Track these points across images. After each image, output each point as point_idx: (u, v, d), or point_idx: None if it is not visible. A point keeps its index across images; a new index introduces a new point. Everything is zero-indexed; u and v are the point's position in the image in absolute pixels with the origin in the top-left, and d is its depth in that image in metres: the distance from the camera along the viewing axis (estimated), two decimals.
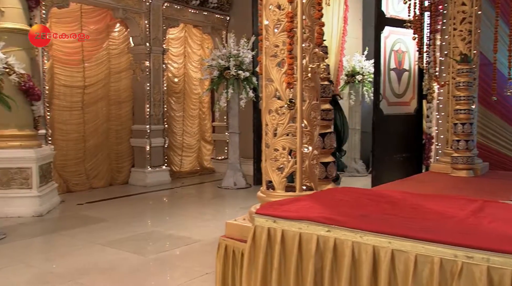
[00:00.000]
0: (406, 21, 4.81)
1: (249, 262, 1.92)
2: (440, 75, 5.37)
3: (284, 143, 2.73)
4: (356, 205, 2.01)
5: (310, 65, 2.73)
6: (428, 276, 1.51)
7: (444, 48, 5.16)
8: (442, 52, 5.26)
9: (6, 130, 5.82)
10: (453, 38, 4.68)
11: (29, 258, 4.21)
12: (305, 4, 2.66)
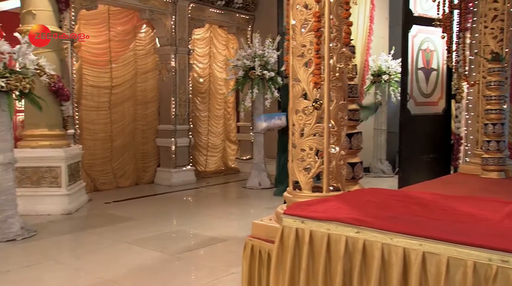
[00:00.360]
0: (435, 20, 4.72)
1: (276, 262, 1.91)
2: (470, 75, 5.25)
3: (311, 143, 2.71)
4: (384, 206, 1.98)
5: (337, 65, 2.70)
6: (461, 280, 1.47)
7: (474, 46, 5.03)
8: (472, 51, 5.13)
9: (37, 130, 5.95)
10: (484, 36, 4.57)
11: (58, 255, 4.30)
12: (333, 4, 2.63)
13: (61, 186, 5.90)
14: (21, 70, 4.66)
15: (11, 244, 4.59)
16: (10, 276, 3.73)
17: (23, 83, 4.62)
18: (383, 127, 8.84)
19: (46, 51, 5.69)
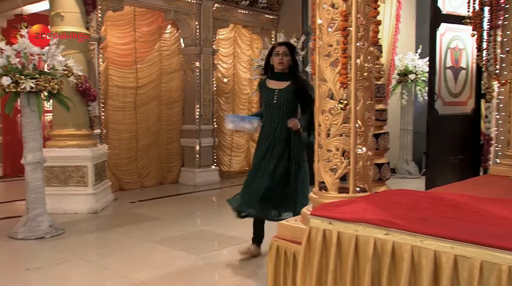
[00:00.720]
0: (466, 18, 4.61)
1: (303, 263, 1.89)
2: (501, 73, 5.11)
3: (338, 144, 2.67)
4: (413, 207, 1.93)
5: (365, 64, 2.66)
6: (495, 285, 1.42)
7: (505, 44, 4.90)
8: (503, 49, 5.00)
9: (64, 130, 6.05)
10: None
11: (85, 253, 4.36)
12: (360, 2, 2.59)
13: (87, 185, 5.99)
14: (49, 71, 4.74)
15: (40, 241, 4.67)
16: (40, 273, 3.80)
17: (51, 84, 4.70)
18: (409, 128, 8.71)
19: (73, 52, 5.78)
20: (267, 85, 4.05)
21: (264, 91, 4.06)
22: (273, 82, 4.02)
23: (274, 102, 3.94)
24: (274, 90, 3.96)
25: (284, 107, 3.92)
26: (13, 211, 5.99)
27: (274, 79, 4.04)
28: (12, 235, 4.78)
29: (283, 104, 3.92)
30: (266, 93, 4.02)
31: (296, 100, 3.95)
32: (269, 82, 4.05)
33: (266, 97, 4.01)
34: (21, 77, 4.53)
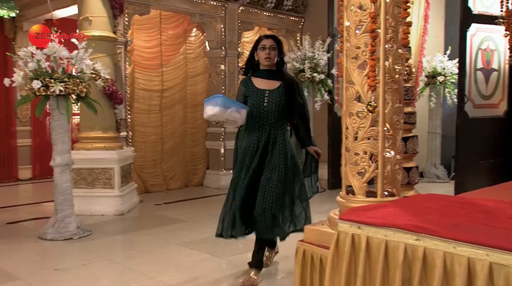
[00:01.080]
0: (498, 17, 4.49)
1: (332, 268, 1.85)
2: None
3: (365, 147, 2.63)
4: (446, 213, 1.88)
5: (394, 66, 2.61)
6: None
7: None
8: None
9: (92, 132, 6.14)
10: None
11: (112, 254, 4.40)
12: (389, 4, 2.54)
13: (114, 187, 6.05)
14: (78, 75, 4.81)
15: (68, 242, 4.74)
16: (68, 273, 3.85)
17: (80, 87, 4.76)
18: (438, 131, 8.53)
19: (101, 56, 5.86)
20: (254, 84, 3.51)
21: (251, 91, 3.50)
22: (261, 81, 3.50)
23: (264, 105, 3.44)
24: (264, 91, 3.46)
25: (276, 111, 3.43)
26: (42, 212, 6.10)
27: (261, 77, 3.52)
28: (41, 236, 4.87)
29: (276, 108, 3.44)
30: (254, 94, 3.47)
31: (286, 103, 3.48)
32: (256, 81, 3.52)
33: (254, 99, 3.46)
34: (50, 80, 4.60)
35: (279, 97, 3.44)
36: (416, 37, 8.01)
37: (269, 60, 3.45)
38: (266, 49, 3.46)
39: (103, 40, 6.04)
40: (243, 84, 3.60)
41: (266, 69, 3.51)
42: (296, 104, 3.53)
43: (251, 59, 3.57)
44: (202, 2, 7.57)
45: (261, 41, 3.52)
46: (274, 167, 3.41)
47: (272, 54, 3.46)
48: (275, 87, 3.47)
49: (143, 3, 6.84)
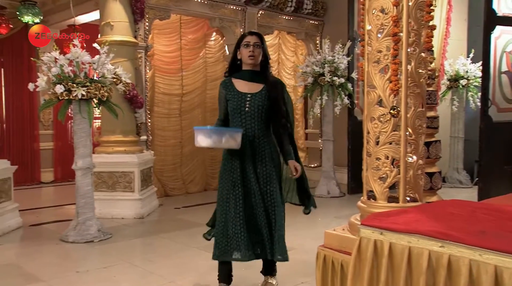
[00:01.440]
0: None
1: (353, 274, 1.83)
2: None
3: (387, 152, 2.60)
4: (471, 219, 1.84)
5: (416, 70, 2.57)
6: None
7: None
8: None
9: (112, 136, 6.21)
10: None
11: (132, 257, 4.42)
12: (412, 7, 2.51)
13: (134, 190, 6.10)
14: (99, 79, 4.87)
15: (89, 245, 4.79)
16: (89, 276, 3.89)
17: (101, 91, 4.82)
18: (460, 135, 8.39)
19: (122, 61, 5.92)
20: (235, 87, 3.18)
21: (231, 94, 3.17)
22: (242, 83, 3.18)
23: (246, 110, 3.11)
24: (245, 95, 3.13)
25: (259, 117, 3.11)
26: (64, 215, 6.18)
27: (243, 79, 3.19)
28: (63, 238, 4.93)
29: (258, 112, 3.11)
30: (235, 98, 3.14)
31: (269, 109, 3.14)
32: (237, 83, 3.19)
33: (235, 103, 3.13)
34: (73, 85, 4.67)
35: (262, 102, 3.11)
36: (437, 40, 7.91)
37: (253, 59, 3.12)
38: (250, 47, 3.10)
39: (124, 45, 6.11)
40: (223, 86, 3.24)
41: (249, 70, 3.18)
42: (279, 112, 3.16)
43: (235, 59, 3.25)
44: (222, 6, 7.60)
45: (244, 37, 3.17)
46: (266, 180, 3.11)
47: (256, 52, 3.12)
48: (258, 90, 3.14)
49: (163, 8, 6.90)
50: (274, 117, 3.17)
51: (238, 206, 3.08)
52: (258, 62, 3.17)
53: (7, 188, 5.34)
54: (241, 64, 3.21)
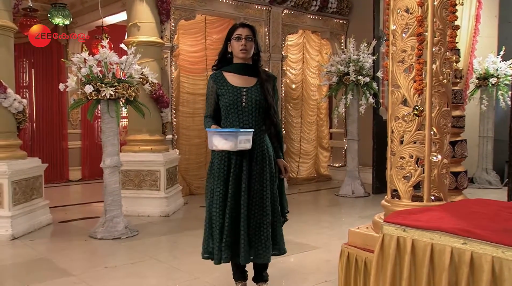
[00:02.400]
0: None
1: (376, 270, 1.84)
2: None
3: (411, 151, 2.60)
4: (495, 218, 1.83)
5: (441, 69, 2.56)
6: None
7: None
8: None
9: (139, 135, 6.32)
10: None
11: (158, 254, 4.51)
12: (437, 6, 2.50)
13: (160, 189, 6.20)
14: (127, 79, 4.97)
15: (116, 241, 4.90)
16: (117, 271, 3.99)
17: (129, 91, 4.92)
18: (490, 135, 8.23)
19: (148, 61, 6.03)
20: (227, 81, 3.03)
21: (224, 89, 3.02)
22: (235, 76, 3.04)
23: (243, 105, 2.99)
24: (241, 89, 3.00)
25: (256, 112, 3.00)
26: (91, 212, 6.34)
27: (235, 72, 3.05)
28: (92, 235, 5.05)
29: (256, 107, 3.00)
30: (229, 93, 3.00)
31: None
32: (230, 77, 3.04)
33: (229, 97, 2.99)
34: (101, 85, 4.78)
35: (258, 96, 3.00)
36: (466, 38, 7.79)
37: (245, 52, 2.97)
38: (242, 40, 2.96)
39: (150, 45, 6.21)
40: (213, 80, 3.07)
41: (241, 63, 3.04)
42: (271, 107, 3.06)
43: (225, 52, 3.09)
44: (246, 6, 7.66)
45: (236, 29, 3.01)
46: (259, 178, 3.01)
47: (249, 45, 2.97)
48: (253, 84, 3.03)
49: (189, 8, 7.00)
50: (266, 113, 3.05)
51: (224, 206, 2.98)
52: (250, 56, 3.03)
53: (38, 185, 5.50)
54: (232, 57, 3.07)
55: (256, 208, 2.99)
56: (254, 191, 2.99)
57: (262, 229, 3.00)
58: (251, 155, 3.00)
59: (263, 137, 3.06)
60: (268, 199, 3.02)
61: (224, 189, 2.98)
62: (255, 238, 3.00)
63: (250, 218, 2.99)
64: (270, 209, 3.03)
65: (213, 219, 3.05)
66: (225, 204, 2.97)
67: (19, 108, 5.25)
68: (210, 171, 3.11)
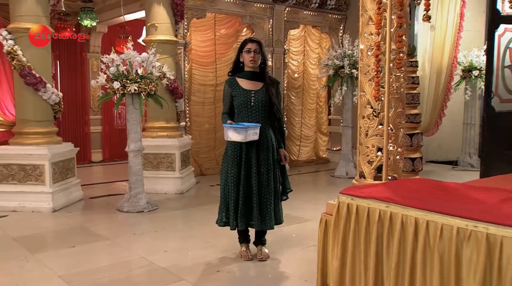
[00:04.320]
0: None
1: (334, 226, 2.69)
2: None
3: (374, 142, 3.40)
4: (415, 191, 2.64)
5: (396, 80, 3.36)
6: (449, 238, 2.13)
7: None
8: None
9: (157, 122, 7.17)
10: None
11: (176, 224, 5.40)
12: (393, 33, 3.29)
13: (175, 170, 7.07)
14: (148, 76, 5.79)
15: (140, 214, 5.79)
16: (144, 237, 4.88)
17: (150, 86, 5.75)
18: (473, 122, 9.00)
19: (165, 57, 6.84)
20: (239, 85, 3.83)
21: (237, 91, 3.82)
22: (246, 81, 3.83)
23: (252, 104, 3.78)
24: (250, 92, 3.79)
25: (263, 110, 3.80)
26: (115, 190, 7.24)
27: (246, 78, 3.84)
28: (119, 208, 5.95)
29: (262, 106, 3.79)
30: (241, 94, 3.80)
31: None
32: (242, 82, 3.84)
33: (241, 98, 3.79)
34: (127, 81, 5.61)
35: (264, 97, 3.79)
36: (451, 34, 8.52)
37: (254, 63, 3.77)
38: (251, 53, 3.76)
39: (167, 43, 7.01)
40: (229, 85, 3.87)
41: (250, 71, 3.83)
42: (275, 105, 3.85)
43: (238, 62, 3.89)
44: (252, 5, 8.42)
45: (246, 44, 3.81)
46: (265, 163, 3.83)
47: (256, 57, 3.77)
48: (259, 87, 3.82)
49: (200, 8, 7.78)
50: (270, 111, 3.86)
51: (238, 184, 3.81)
52: (257, 65, 3.83)
53: (72, 166, 6.40)
54: (243, 65, 3.86)
55: (264, 187, 3.85)
56: (262, 174, 3.84)
57: (268, 203, 3.88)
58: (258, 145, 3.82)
59: (268, 130, 3.88)
60: (272, 180, 3.88)
61: (237, 171, 3.81)
62: (263, 210, 3.88)
63: (261, 194, 3.85)
64: (273, 187, 3.89)
65: (228, 195, 3.90)
66: (238, 183, 3.82)
67: (56, 100, 6.12)
68: (224, 157, 3.94)
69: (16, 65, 5.73)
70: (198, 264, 4.10)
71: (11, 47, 5.71)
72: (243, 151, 3.83)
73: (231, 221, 3.93)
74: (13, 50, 5.71)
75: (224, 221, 4.02)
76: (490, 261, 1.96)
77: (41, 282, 3.67)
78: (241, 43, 3.91)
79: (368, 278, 2.47)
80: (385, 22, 3.27)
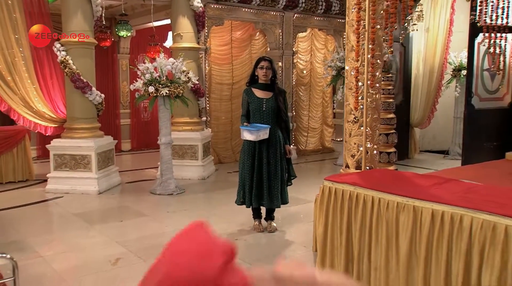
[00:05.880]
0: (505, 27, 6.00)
1: (320, 203, 3.81)
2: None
3: (355, 140, 4.51)
4: (377, 178, 3.73)
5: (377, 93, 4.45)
6: (391, 211, 3.24)
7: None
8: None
9: (182, 118, 8.31)
10: None
11: (200, 205, 6.57)
12: (369, 59, 4.37)
13: (198, 159, 8.22)
14: (177, 80, 6.91)
15: (170, 196, 6.96)
16: (176, 215, 6.06)
17: (178, 89, 6.88)
18: (462, 116, 9.97)
19: (189, 62, 7.94)
20: (254, 94, 4.84)
21: (252, 99, 4.83)
22: (259, 91, 4.84)
23: (263, 110, 4.79)
24: (262, 99, 4.81)
25: (272, 113, 4.81)
26: (146, 176, 8.43)
27: (259, 88, 4.85)
28: (152, 191, 7.13)
29: (272, 111, 4.80)
30: (255, 101, 4.81)
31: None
32: (256, 91, 4.85)
33: (255, 104, 4.81)
34: (159, 85, 6.74)
35: (274, 104, 4.82)
36: (442, 38, 9.51)
37: (266, 77, 4.81)
38: (264, 69, 4.80)
39: (190, 50, 8.12)
40: (246, 93, 4.91)
41: (263, 83, 4.86)
42: (282, 111, 4.87)
43: (253, 75, 4.92)
44: (264, 12, 9.47)
45: (260, 62, 4.85)
46: (274, 156, 4.86)
47: (268, 72, 4.80)
48: (270, 96, 4.84)
49: (218, 17, 8.86)
50: (279, 114, 4.88)
51: (252, 172, 4.87)
52: (269, 79, 4.87)
53: (112, 156, 7.60)
54: (258, 78, 4.90)
55: (272, 174, 4.90)
56: (271, 164, 4.88)
57: (276, 187, 4.99)
58: (268, 141, 4.84)
59: (276, 130, 4.92)
60: (279, 169, 4.93)
61: (252, 162, 4.87)
62: (272, 192, 5.03)
63: (270, 180, 4.92)
64: (280, 175, 5.03)
65: (245, 180, 4.99)
66: (252, 171, 4.88)
67: (99, 100, 7.29)
68: (242, 151, 5.05)
69: (68, 72, 6.89)
70: (220, 234, 5.23)
71: (63, 57, 6.87)
72: (256, 146, 4.86)
73: (247, 200, 5.07)
74: (65, 59, 6.87)
75: (241, 201, 5.16)
76: (415, 224, 3.07)
77: (105, 245, 4.87)
78: (256, 60, 4.99)
79: (342, 239, 3.60)
80: (363, 51, 4.36)
